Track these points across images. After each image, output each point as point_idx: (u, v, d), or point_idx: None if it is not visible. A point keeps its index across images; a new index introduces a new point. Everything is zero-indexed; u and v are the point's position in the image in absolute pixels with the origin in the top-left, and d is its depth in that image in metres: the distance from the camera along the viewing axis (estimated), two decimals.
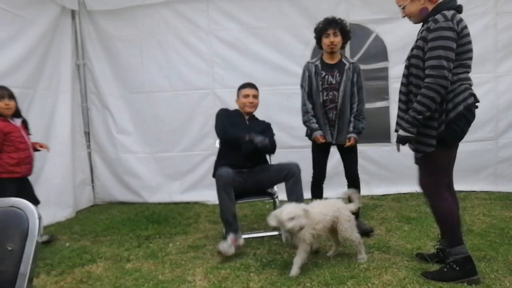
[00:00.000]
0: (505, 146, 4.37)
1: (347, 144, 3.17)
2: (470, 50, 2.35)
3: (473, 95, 2.34)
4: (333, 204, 2.71)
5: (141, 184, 4.80)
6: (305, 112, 3.25)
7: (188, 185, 4.76)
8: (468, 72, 2.36)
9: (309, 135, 3.26)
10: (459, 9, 2.29)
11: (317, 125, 3.20)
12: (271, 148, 3.25)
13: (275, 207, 3.38)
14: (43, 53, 4.09)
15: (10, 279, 0.99)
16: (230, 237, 2.89)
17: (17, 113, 3.17)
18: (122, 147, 4.82)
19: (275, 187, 3.30)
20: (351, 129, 3.19)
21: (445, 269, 2.33)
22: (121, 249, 3.19)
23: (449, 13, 2.19)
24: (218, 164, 3.23)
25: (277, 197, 3.27)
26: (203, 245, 3.21)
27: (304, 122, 3.27)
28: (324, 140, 3.18)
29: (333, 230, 2.72)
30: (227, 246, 2.84)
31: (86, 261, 2.96)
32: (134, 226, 3.81)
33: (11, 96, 3.09)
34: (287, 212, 2.44)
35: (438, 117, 2.23)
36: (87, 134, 4.88)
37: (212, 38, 4.61)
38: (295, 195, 3.02)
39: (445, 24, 2.16)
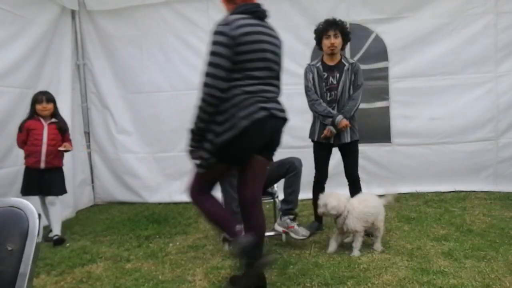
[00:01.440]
0: (505, 146, 4.37)
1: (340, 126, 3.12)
2: (256, 60, 2.06)
3: (265, 108, 2.06)
4: (376, 199, 2.95)
5: (141, 184, 4.80)
6: (319, 104, 3.17)
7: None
8: (259, 84, 2.06)
9: (332, 122, 3.14)
10: (256, 14, 2.12)
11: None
12: None
13: (275, 207, 3.39)
14: (43, 53, 4.09)
15: (10, 279, 0.99)
16: (236, 228, 2.88)
17: (53, 115, 3.53)
18: (122, 147, 4.82)
19: (275, 187, 3.29)
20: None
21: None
22: (121, 249, 3.19)
23: (232, 17, 2.01)
24: None
25: (277, 196, 3.26)
26: (203, 245, 3.21)
27: (322, 113, 3.16)
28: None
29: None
30: None
31: (86, 261, 2.96)
32: (134, 226, 3.81)
33: (49, 100, 3.50)
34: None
35: (219, 125, 2.03)
36: (87, 134, 4.87)
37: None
38: (291, 188, 3.01)
39: (218, 28, 2.00)
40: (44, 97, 3.47)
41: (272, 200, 3.36)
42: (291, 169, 3.01)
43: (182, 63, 4.65)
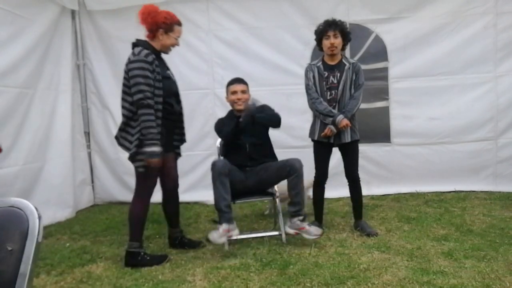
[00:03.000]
0: (505, 146, 4.37)
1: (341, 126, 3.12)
2: None
3: None
4: None
5: None
6: (320, 103, 3.17)
7: (188, 185, 4.75)
8: None
9: (333, 121, 3.14)
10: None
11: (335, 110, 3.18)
12: (273, 118, 3.20)
13: (275, 206, 3.39)
14: (42, 53, 4.08)
15: (10, 279, 0.99)
16: (222, 227, 2.89)
17: None
18: None
19: (275, 187, 3.29)
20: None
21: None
22: (121, 249, 3.18)
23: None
24: None
25: (277, 196, 3.26)
26: (203, 245, 3.21)
27: (323, 111, 3.16)
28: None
29: None
30: (217, 236, 2.84)
31: (86, 261, 2.96)
32: None
33: None
34: None
35: None
36: (87, 134, 4.87)
37: (212, 38, 4.61)
38: (295, 190, 3.01)
39: None
40: None
41: (272, 200, 3.36)
42: (292, 171, 2.99)
43: (182, 63, 4.64)
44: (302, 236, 2.99)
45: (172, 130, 3.07)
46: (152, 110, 2.70)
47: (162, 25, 2.90)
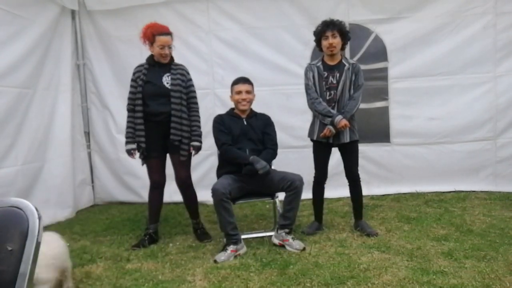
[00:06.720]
0: (504, 146, 4.37)
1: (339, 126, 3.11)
2: None
3: None
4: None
5: (141, 184, 4.77)
6: (319, 103, 3.17)
7: None
8: None
9: (331, 122, 3.13)
10: None
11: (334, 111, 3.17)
12: (272, 157, 3.23)
13: (275, 207, 3.39)
14: (42, 53, 4.08)
15: (10, 279, 0.99)
16: (230, 248, 2.91)
17: None
18: (122, 147, 4.78)
19: None
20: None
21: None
22: (121, 249, 3.19)
23: None
24: (219, 173, 3.24)
25: (277, 197, 3.26)
26: (203, 245, 3.21)
27: (322, 111, 3.16)
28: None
29: None
30: (225, 257, 2.85)
31: (86, 261, 2.96)
32: (134, 226, 3.81)
33: None
34: None
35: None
36: (87, 134, 4.87)
37: (212, 38, 4.61)
38: (290, 205, 3.03)
39: None
40: None
41: (272, 200, 3.36)
42: (292, 187, 2.99)
43: (182, 63, 4.64)
44: (285, 247, 3.01)
45: (161, 131, 3.22)
46: (131, 113, 3.26)
47: (147, 39, 3.29)
